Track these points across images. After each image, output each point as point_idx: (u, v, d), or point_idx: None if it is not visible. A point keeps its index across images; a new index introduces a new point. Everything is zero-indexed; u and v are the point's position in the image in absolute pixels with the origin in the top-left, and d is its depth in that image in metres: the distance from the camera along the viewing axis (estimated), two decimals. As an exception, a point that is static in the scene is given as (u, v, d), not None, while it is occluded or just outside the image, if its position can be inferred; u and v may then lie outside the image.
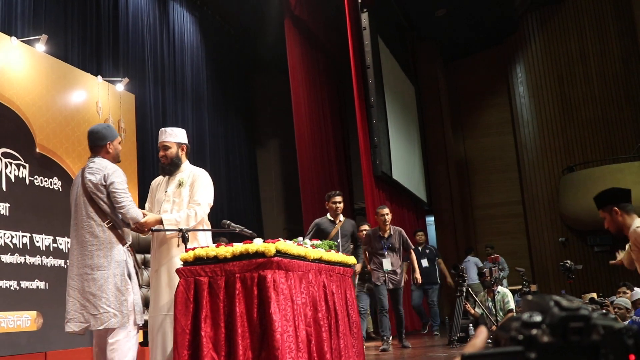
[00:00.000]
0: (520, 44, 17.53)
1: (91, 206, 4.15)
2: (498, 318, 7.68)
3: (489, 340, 0.76)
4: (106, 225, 4.12)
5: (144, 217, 4.31)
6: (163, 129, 4.83)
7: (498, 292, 8.07)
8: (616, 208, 4.22)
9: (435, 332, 10.53)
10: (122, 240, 4.16)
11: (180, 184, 4.64)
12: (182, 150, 4.78)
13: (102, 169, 4.21)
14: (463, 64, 18.02)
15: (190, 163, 4.89)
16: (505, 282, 11.46)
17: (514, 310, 7.74)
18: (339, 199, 7.68)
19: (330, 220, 7.63)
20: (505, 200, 17.14)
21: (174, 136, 4.76)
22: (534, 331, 0.69)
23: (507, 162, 17.24)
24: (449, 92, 17.82)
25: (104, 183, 4.16)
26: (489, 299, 8.08)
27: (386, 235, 8.20)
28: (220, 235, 8.36)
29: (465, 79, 17.88)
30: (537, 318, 0.70)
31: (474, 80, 17.74)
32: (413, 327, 12.29)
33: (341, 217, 7.69)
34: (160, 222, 4.36)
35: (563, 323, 0.69)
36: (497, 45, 17.67)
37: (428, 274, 10.30)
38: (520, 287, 10.06)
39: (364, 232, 8.50)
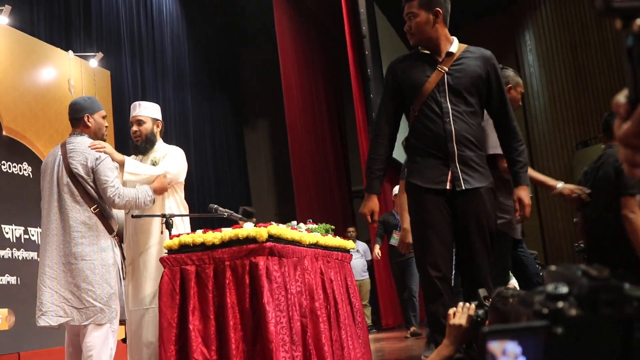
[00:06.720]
0: (529, 9, 17.44)
1: (77, 189, 4.01)
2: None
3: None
4: (93, 212, 4.01)
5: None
6: (136, 102, 4.74)
7: None
8: None
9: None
10: (109, 228, 4.07)
11: (153, 165, 4.52)
12: (157, 127, 4.69)
13: (86, 150, 4.05)
14: (466, 31, 17.91)
15: (173, 144, 4.82)
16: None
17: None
18: None
19: None
20: (514, 178, 17.10)
21: (149, 110, 4.66)
22: (560, 304, 0.67)
23: (517, 137, 17.13)
24: (453, 62, 17.71)
25: (91, 165, 4.01)
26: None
27: None
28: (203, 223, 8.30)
29: (470, 48, 17.80)
30: (564, 290, 0.68)
31: (479, 49, 17.65)
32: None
33: None
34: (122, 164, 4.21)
35: (592, 295, 0.67)
36: (503, 10, 17.56)
37: None
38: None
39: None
